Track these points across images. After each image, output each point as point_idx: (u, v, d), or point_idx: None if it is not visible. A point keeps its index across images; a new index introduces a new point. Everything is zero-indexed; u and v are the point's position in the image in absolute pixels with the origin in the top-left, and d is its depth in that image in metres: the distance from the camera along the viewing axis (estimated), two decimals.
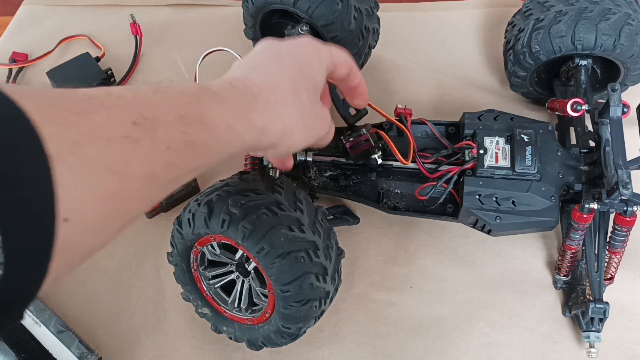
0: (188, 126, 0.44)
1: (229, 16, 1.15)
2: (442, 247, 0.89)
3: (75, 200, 0.35)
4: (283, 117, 0.55)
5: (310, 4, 0.83)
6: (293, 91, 0.56)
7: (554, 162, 0.78)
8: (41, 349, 0.80)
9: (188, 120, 0.44)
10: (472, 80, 1.06)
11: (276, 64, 0.57)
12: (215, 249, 0.73)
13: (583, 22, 0.82)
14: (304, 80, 0.58)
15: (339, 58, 0.64)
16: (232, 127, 0.49)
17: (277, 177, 0.74)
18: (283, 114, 0.55)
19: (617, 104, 0.76)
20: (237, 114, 0.50)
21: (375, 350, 0.81)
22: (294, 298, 0.66)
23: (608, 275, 0.79)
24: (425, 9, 1.19)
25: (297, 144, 0.59)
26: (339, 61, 0.64)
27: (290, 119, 0.56)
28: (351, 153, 0.80)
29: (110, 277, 0.88)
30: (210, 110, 0.47)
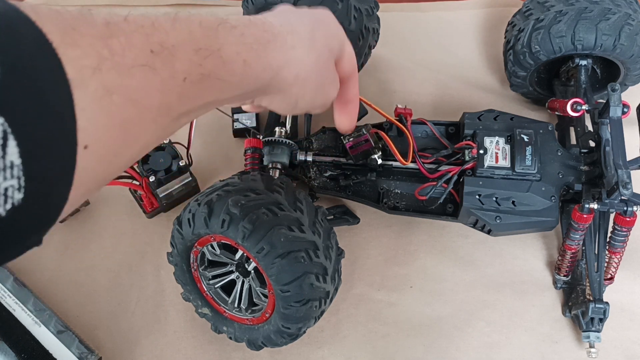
0: (204, 59, 0.43)
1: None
2: (442, 247, 0.89)
3: (95, 127, 0.34)
4: (298, 62, 0.54)
5: (310, 3, 0.83)
6: (311, 40, 0.55)
7: (554, 162, 0.78)
8: (41, 349, 0.80)
9: (205, 53, 0.43)
10: (472, 80, 1.06)
11: (295, 14, 0.56)
12: (215, 249, 0.73)
13: (583, 22, 0.82)
14: (322, 34, 0.57)
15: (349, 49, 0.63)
16: (248, 63, 0.48)
17: (277, 177, 0.74)
18: (299, 59, 0.54)
19: (617, 104, 0.76)
20: (254, 50, 0.49)
21: (375, 350, 0.82)
22: (294, 298, 0.66)
23: (608, 275, 0.79)
24: (425, 9, 1.19)
25: (306, 96, 0.57)
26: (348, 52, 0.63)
27: (305, 67, 0.55)
28: (351, 153, 0.80)
29: (110, 277, 0.88)
30: (228, 44, 0.46)
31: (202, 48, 0.42)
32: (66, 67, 0.32)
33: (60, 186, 0.33)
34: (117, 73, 0.35)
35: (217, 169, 0.96)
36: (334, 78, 0.60)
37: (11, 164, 0.29)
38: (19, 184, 0.30)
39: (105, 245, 0.90)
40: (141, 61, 0.37)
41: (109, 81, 0.35)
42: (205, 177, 0.95)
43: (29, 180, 0.30)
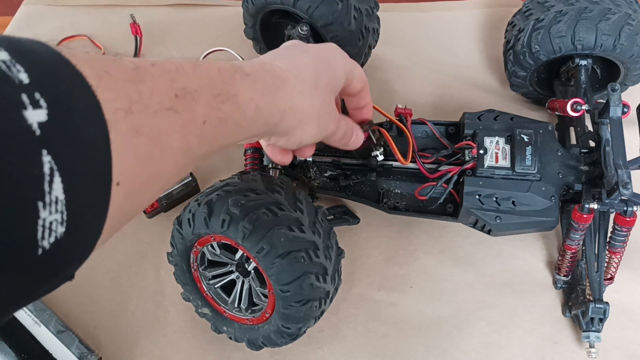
0: (222, 103, 0.46)
1: (229, 16, 1.15)
2: (442, 247, 0.89)
3: (125, 165, 0.36)
4: (303, 106, 0.56)
5: (310, 4, 0.83)
6: (315, 84, 0.58)
7: (554, 162, 0.78)
8: (41, 349, 0.80)
9: (223, 98, 0.46)
10: (472, 80, 1.06)
11: (302, 57, 0.59)
12: (215, 249, 0.73)
13: (583, 22, 0.82)
14: (325, 76, 0.59)
15: (358, 72, 0.66)
16: (260, 108, 0.51)
17: (277, 177, 0.74)
18: (303, 104, 0.56)
19: (617, 104, 0.76)
20: (266, 96, 0.52)
21: (375, 350, 0.81)
22: (294, 298, 0.66)
23: (608, 275, 0.79)
24: (425, 9, 1.19)
25: (309, 135, 0.60)
26: (358, 75, 0.66)
27: (308, 110, 0.57)
28: None
29: (110, 277, 0.88)
30: (243, 91, 0.49)
31: (220, 94, 0.46)
32: (103, 107, 0.34)
33: (97, 221, 0.35)
34: (145, 115, 0.38)
35: (217, 169, 0.96)
36: (334, 115, 0.63)
37: (56, 199, 0.31)
38: (62, 218, 0.31)
39: (105, 245, 0.89)
40: (166, 105, 0.40)
41: (138, 123, 0.37)
42: (205, 177, 0.95)
43: (70, 214, 0.32)
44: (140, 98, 0.37)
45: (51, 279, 0.34)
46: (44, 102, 0.30)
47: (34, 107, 0.30)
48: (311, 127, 0.59)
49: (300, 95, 0.56)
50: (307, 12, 0.84)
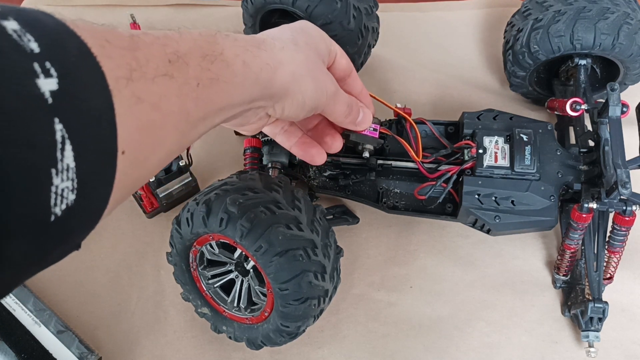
0: (211, 63, 0.46)
1: (229, 16, 1.15)
2: (442, 247, 0.89)
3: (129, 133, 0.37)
4: (291, 61, 0.56)
5: (309, 3, 0.83)
6: (294, 43, 0.58)
7: (553, 161, 0.78)
8: (41, 349, 0.80)
9: (211, 58, 0.47)
10: (472, 80, 1.06)
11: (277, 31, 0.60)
12: (214, 248, 0.73)
13: (581, 21, 0.82)
14: (302, 37, 0.60)
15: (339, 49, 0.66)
16: (247, 64, 0.51)
17: (275, 176, 0.74)
18: (290, 58, 0.56)
19: (616, 103, 0.76)
20: (250, 51, 0.52)
21: (375, 350, 0.82)
22: (292, 296, 0.66)
23: (607, 274, 0.79)
24: (425, 9, 1.19)
25: (309, 91, 0.59)
26: (339, 50, 0.66)
27: (298, 64, 0.57)
28: None
29: (110, 277, 0.88)
30: (227, 49, 0.49)
31: (207, 54, 0.46)
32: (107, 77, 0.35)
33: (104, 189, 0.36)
34: (144, 82, 0.38)
35: (217, 169, 0.96)
36: (328, 73, 0.62)
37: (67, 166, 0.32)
38: (73, 186, 0.32)
39: (105, 245, 0.90)
40: (162, 71, 0.40)
41: (139, 90, 0.38)
42: (205, 177, 0.95)
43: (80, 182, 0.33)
44: (138, 65, 0.38)
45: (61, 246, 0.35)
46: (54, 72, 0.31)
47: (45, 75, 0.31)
48: (307, 82, 0.58)
49: (282, 50, 0.56)
50: (306, 12, 0.84)
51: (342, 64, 0.66)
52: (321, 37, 0.63)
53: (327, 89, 0.61)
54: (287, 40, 0.58)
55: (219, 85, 0.47)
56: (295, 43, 0.58)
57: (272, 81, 0.55)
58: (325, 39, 0.64)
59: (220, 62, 0.48)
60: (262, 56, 0.53)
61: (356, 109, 0.67)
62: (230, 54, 0.49)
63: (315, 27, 0.64)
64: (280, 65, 0.55)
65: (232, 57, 0.49)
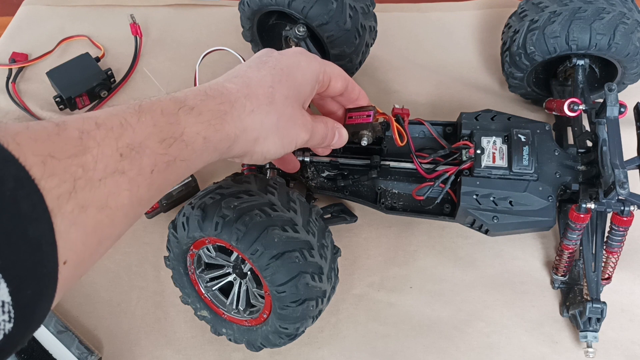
0: (169, 147, 0.47)
1: (229, 16, 1.15)
2: (441, 247, 0.89)
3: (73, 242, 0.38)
4: (257, 125, 0.56)
5: (304, 4, 0.83)
6: (269, 99, 0.57)
7: (551, 162, 0.78)
8: (41, 349, 0.80)
9: (169, 142, 0.47)
10: (472, 80, 1.06)
11: (256, 72, 0.59)
12: (211, 251, 0.73)
13: (577, 22, 0.82)
14: (283, 88, 0.59)
15: (333, 71, 0.66)
16: (208, 139, 0.51)
17: (270, 178, 0.74)
18: (258, 123, 0.56)
19: (614, 103, 0.75)
20: (212, 125, 0.52)
21: (375, 351, 0.82)
22: (290, 298, 0.66)
23: (605, 275, 0.79)
24: (425, 9, 1.19)
25: (271, 151, 0.60)
26: (334, 74, 0.66)
27: (264, 128, 0.57)
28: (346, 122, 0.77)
29: (110, 277, 0.89)
30: (188, 127, 0.49)
31: (166, 138, 0.47)
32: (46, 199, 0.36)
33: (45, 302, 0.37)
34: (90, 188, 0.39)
35: (217, 169, 0.96)
36: (301, 124, 0.62)
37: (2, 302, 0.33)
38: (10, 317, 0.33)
39: None
40: (111, 169, 0.41)
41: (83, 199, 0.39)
42: (205, 177, 0.95)
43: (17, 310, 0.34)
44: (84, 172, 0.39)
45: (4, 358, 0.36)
46: None
47: None
48: (272, 143, 0.59)
49: (251, 114, 0.56)
50: (302, 12, 0.84)
51: (337, 86, 0.67)
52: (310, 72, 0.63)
53: (297, 140, 0.62)
54: (262, 98, 0.57)
55: (175, 166, 0.48)
56: (271, 100, 0.58)
57: (231, 149, 0.55)
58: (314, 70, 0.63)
59: (179, 143, 0.48)
60: (225, 128, 0.53)
61: (330, 137, 0.68)
62: (192, 132, 0.49)
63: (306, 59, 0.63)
64: (244, 133, 0.55)
65: (193, 135, 0.50)
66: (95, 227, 0.40)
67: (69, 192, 0.37)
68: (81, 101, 1.04)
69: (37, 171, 0.36)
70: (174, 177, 0.49)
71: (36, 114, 1.04)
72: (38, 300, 0.36)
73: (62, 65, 1.06)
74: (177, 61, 1.12)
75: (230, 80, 0.57)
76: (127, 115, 0.45)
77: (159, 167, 0.46)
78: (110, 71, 1.06)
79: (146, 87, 1.08)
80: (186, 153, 0.49)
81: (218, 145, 0.53)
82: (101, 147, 0.41)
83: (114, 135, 0.42)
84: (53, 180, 0.37)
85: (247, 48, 1.04)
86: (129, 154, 0.43)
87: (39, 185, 0.35)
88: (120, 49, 1.14)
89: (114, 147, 0.42)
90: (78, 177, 0.38)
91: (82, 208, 0.38)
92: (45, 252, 0.36)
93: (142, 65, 1.12)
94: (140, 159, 0.44)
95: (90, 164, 0.40)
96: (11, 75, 1.10)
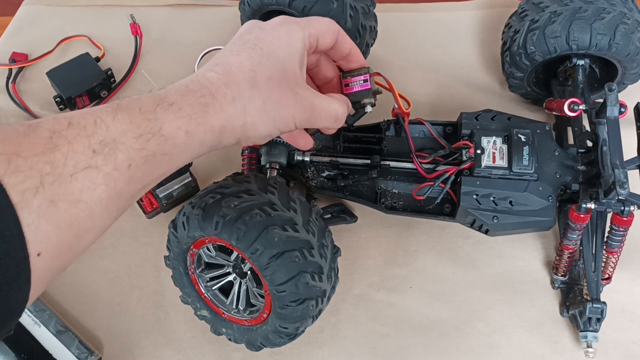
0: (147, 142, 0.47)
1: (229, 16, 1.15)
2: (441, 247, 0.89)
3: (43, 235, 0.40)
4: (240, 113, 0.56)
5: (305, 3, 0.83)
6: (252, 83, 0.56)
7: (551, 162, 0.78)
8: (41, 350, 0.80)
9: (147, 137, 0.47)
10: (472, 81, 1.07)
11: (236, 57, 0.58)
12: (211, 251, 0.73)
13: (577, 22, 0.82)
14: (265, 70, 0.57)
15: (320, 28, 0.63)
16: (191, 133, 0.51)
17: (270, 177, 0.74)
18: (241, 110, 0.56)
19: (614, 104, 0.75)
20: (194, 119, 0.52)
21: (375, 351, 0.81)
22: (289, 298, 0.66)
23: (605, 275, 0.79)
24: (425, 9, 1.19)
25: (263, 134, 0.59)
26: (321, 31, 0.63)
27: (248, 114, 0.56)
28: (345, 91, 0.73)
29: (110, 277, 0.88)
30: (168, 123, 0.49)
31: (143, 134, 0.47)
32: (10, 194, 0.38)
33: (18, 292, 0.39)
34: (59, 184, 0.41)
35: (217, 169, 0.96)
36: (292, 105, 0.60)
37: None
38: None
39: (105, 245, 0.90)
40: (83, 165, 0.43)
41: (52, 193, 0.40)
42: (205, 177, 0.95)
43: None
44: (52, 169, 0.40)
45: None
46: None
47: None
48: (261, 126, 0.58)
49: (232, 102, 0.55)
50: (302, 12, 0.84)
51: (325, 44, 0.65)
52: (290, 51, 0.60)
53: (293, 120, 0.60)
54: (243, 83, 0.56)
55: (155, 160, 0.48)
56: (253, 84, 0.56)
57: (220, 139, 0.55)
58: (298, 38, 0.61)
59: (157, 138, 0.48)
60: (207, 121, 0.53)
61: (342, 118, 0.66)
62: (171, 127, 0.50)
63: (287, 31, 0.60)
64: (229, 123, 0.55)
65: (173, 130, 0.50)
66: (70, 221, 0.42)
67: (36, 187, 0.39)
68: (81, 101, 1.04)
69: (1, 169, 0.38)
70: (157, 170, 0.50)
71: (36, 114, 1.04)
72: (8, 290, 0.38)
73: (62, 65, 1.06)
74: (177, 61, 1.12)
75: (211, 69, 0.56)
76: (102, 114, 0.46)
77: (137, 162, 0.46)
78: (110, 71, 1.06)
79: (146, 87, 1.08)
80: (166, 147, 0.49)
81: (204, 138, 0.53)
82: (72, 144, 0.42)
83: (86, 133, 0.44)
84: (17, 177, 0.38)
85: None
86: (102, 149, 0.44)
87: (1, 181, 0.37)
88: (120, 49, 1.14)
89: (85, 144, 0.43)
90: (46, 173, 0.40)
91: (52, 202, 0.40)
92: (10, 244, 0.37)
93: (142, 65, 1.12)
94: (115, 155, 0.45)
95: (60, 161, 0.41)
96: (11, 75, 1.10)
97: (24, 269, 0.39)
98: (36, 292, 0.41)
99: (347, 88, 0.73)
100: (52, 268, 0.42)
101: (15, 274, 0.38)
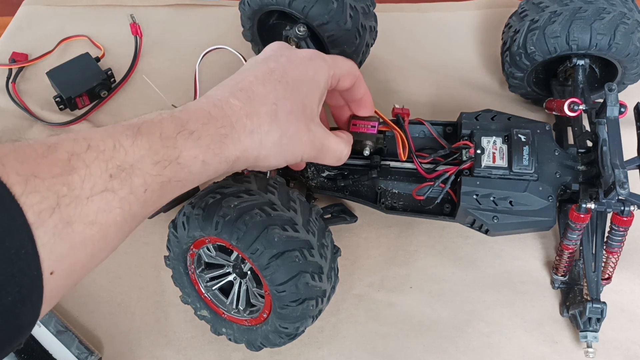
0: (164, 169, 0.48)
1: (229, 16, 1.15)
2: (442, 247, 0.89)
3: (58, 254, 0.40)
4: (256, 145, 0.57)
5: (305, 3, 0.83)
6: (272, 117, 0.58)
7: (551, 162, 0.78)
8: (41, 350, 0.80)
9: (164, 164, 0.48)
10: (472, 81, 1.06)
11: (262, 86, 0.59)
12: (211, 251, 0.73)
13: (577, 22, 0.82)
14: (287, 104, 0.59)
15: (342, 70, 0.66)
16: (207, 162, 0.53)
17: (270, 178, 0.74)
18: (257, 142, 0.57)
19: (614, 104, 0.75)
20: (212, 150, 0.53)
21: (375, 351, 0.81)
22: (289, 298, 0.66)
23: (605, 275, 0.79)
24: (425, 9, 1.19)
25: (273, 165, 0.61)
26: (343, 73, 0.66)
27: (265, 147, 0.58)
28: (351, 129, 0.79)
29: (110, 277, 0.89)
30: (186, 151, 0.51)
31: (160, 160, 0.48)
32: (27, 214, 0.38)
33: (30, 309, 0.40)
34: (75, 205, 0.41)
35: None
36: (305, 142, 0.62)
37: None
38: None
39: None
40: (99, 188, 0.43)
41: (67, 215, 0.41)
42: None
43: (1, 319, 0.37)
44: (69, 191, 0.41)
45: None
46: None
47: None
48: (273, 159, 0.60)
49: (251, 135, 0.56)
50: (302, 12, 0.84)
51: (344, 86, 0.68)
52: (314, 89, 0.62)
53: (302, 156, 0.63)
54: (264, 117, 0.57)
55: (170, 185, 0.50)
56: (274, 118, 0.58)
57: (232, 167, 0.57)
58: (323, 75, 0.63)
59: (174, 166, 0.49)
60: (223, 152, 0.54)
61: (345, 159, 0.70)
62: (189, 156, 0.51)
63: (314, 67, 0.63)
64: (244, 154, 0.56)
65: (190, 159, 0.51)
66: (85, 241, 0.42)
67: (52, 208, 0.40)
68: (81, 101, 1.04)
69: (18, 189, 0.38)
70: (171, 194, 0.51)
71: (36, 114, 1.04)
72: (21, 307, 0.38)
73: (62, 65, 1.06)
74: (177, 61, 1.12)
75: (235, 94, 0.57)
76: (122, 138, 0.46)
77: (152, 187, 0.48)
78: (110, 71, 1.06)
79: (146, 87, 1.08)
80: (182, 175, 0.50)
81: (218, 167, 0.54)
82: (90, 168, 0.43)
83: (104, 157, 0.44)
84: (35, 197, 0.39)
85: (248, 48, 1.04)
86: (119, 174, 0.45)
87: (19, 201, 0.38)
88: (120, 49, 1.14)
89: (103, 168, 0.44)
90: (63, 195, 0.40)
91: (67, 223, 0.41)
92: (25, 262, 0.38)
93: (142, 65, 1.12)
94: (131, 180, 0.46)
95: (77, 183, 0.42)
96: (11, 75, 1.10)
97: (38, 287, 0.39)
98: (47, 308, 0.41)
99: (354, 127, 0.78)
100: (65, 286, 0.43)
101: (29, 291, 0.39)
